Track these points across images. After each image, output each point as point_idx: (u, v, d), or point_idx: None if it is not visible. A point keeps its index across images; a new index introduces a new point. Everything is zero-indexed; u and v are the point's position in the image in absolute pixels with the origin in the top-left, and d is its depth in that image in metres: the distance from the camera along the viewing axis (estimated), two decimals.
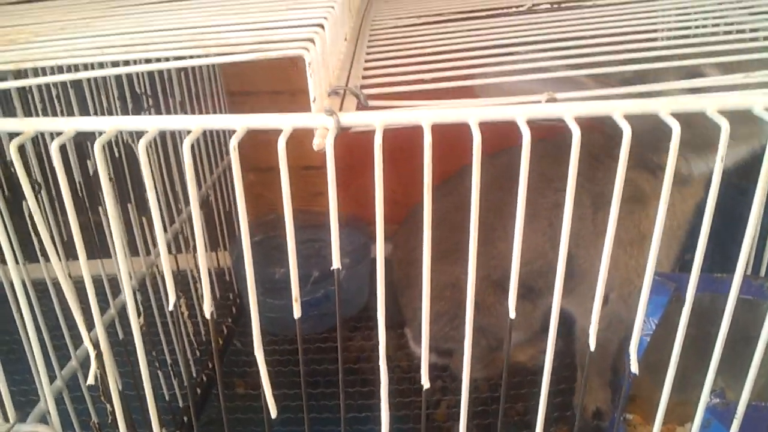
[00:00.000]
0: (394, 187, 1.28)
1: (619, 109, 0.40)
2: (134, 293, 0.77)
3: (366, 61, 0.62)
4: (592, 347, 0.47)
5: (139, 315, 0.65)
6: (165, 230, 0.92)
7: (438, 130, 0.41)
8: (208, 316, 0.46)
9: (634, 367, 0.47)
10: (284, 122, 0.41)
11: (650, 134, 0.80)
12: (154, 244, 0.86)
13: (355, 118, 0.41)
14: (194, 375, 0.96)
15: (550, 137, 0.87)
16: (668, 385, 0.49)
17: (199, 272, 0.44)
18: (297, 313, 0.46)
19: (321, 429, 0.93)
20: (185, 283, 0.96)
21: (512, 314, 0.47)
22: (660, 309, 0.68)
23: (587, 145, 0.41)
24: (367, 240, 1.19)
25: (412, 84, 0.54)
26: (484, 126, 0.41)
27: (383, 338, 0.46)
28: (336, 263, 0.45)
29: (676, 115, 0.39)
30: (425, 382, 0.48)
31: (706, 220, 0.41)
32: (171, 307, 0.46)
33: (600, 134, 0.80)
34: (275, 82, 1.20)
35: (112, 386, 0.51)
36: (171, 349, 0.87)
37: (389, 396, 0.48)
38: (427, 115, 0.41)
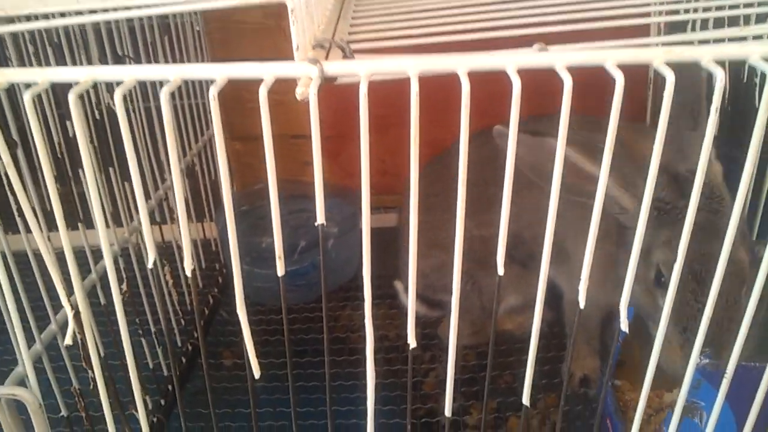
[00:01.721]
0: (383, 157, 1.28)
1: (611, 58, 0.39)
2: (116, 259, 0.76)
3: (353, 17, 0.60)
4: (582, 305, 0.46)
5: (121, 282, 0.64)
6: (148, 197, 0.90)
7: (428, 97, 0.40)
8: (188, 272, 0.45)
9: (624, 326, 0.46)
10: (265, 71, 0.40)
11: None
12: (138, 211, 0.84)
13: (339, 67, 0.40)
14: (179, 344, 0.95)
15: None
16: (656, 351, 0.48)
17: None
18: (281, 270, 0.45)
19: (308, 397, 0.92)
20: (170, 253, 0.94)
21: (500, 271, 0.46)
22: None
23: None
24: (356, 210, 1.18)
25: (400, 39, 0.53)
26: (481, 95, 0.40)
27: (369, 297, 0.45)
28: (320, 219, 0.44)
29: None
30: (411, 340, 0.46)
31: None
32: (150, 265, 0.45)
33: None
34: (262, 50, 1.18)
35: (92, 350, 0.50)
36: (156, 319, 0.85)
37: (376, 364, 0.47)
38: (413, 63, 0.39)
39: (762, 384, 0.50)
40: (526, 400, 0.50)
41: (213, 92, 0.39)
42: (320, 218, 0.44)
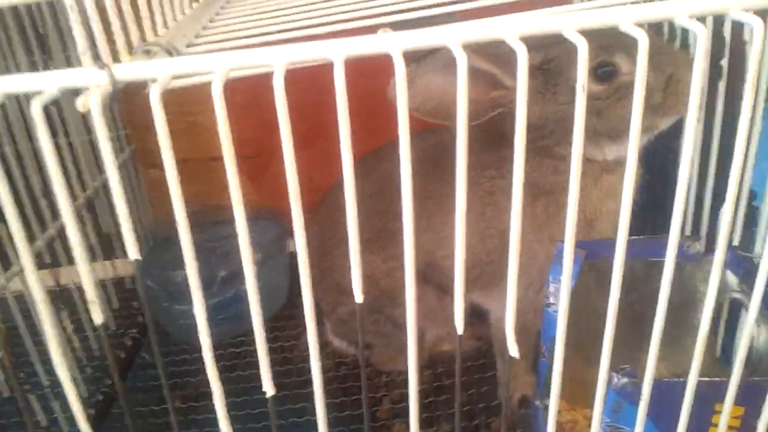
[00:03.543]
0: (311, 174, 1.21)
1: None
2: None
3: (210, 21, 0.54)
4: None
5: None
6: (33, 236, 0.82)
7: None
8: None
9: (513, 351, 0.39)
10: (45, 83, 0.33)
11: (556, 124, 0.74)
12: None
13: (134, 69, 0.33)
14: (85, 395, 0.87)
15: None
16: (557, 363, 0.42)
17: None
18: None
19: None
20: (67, 297, 0.86)
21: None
22: (571, 279, 0.61)
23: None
24: (282, 232, 1.11)
25: (249, 38, 0.46)
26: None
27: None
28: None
29: None
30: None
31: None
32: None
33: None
34: None
35: None
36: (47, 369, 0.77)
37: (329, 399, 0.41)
38: (222, 60, 0.33)
39: (685, 400, 0.44)
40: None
41: None
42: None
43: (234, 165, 0.34)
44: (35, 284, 0.37)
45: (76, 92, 0.32)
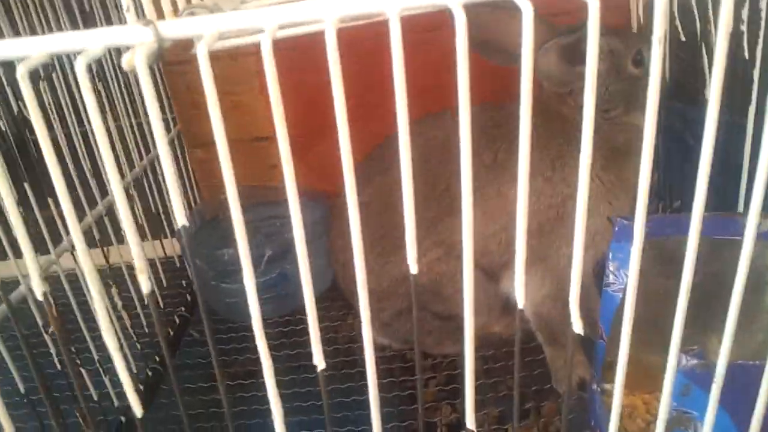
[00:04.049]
0: (355, 155, 1.19)
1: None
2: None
3: None
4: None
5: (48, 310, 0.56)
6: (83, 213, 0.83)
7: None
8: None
9: (577, 327, 0.37)
10: (89, 41, 0.32)
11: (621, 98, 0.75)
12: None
13: (179, 26, 0.32)
14: (134, 370, 0.87)
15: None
16: (625, 346, 0.39)
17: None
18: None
19: (304, 419, 0.84)
20: (118, 275, 0.87)
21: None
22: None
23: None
24: (327, 214, 1.10)
25: None
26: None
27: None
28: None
29: None
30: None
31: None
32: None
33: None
34: None
35: None
36: (99, 345, 0.78)
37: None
38: (270, 17, 0.31)
39: (763, 385, 0.41)
40: (470, 423, 0.41)
41: (21, 71, 0.31)
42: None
43: (284, 126, 0.32)
44: (84, 256, 0.36)
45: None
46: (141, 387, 0.87)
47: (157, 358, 0.91)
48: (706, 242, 0.63)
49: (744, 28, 0.63)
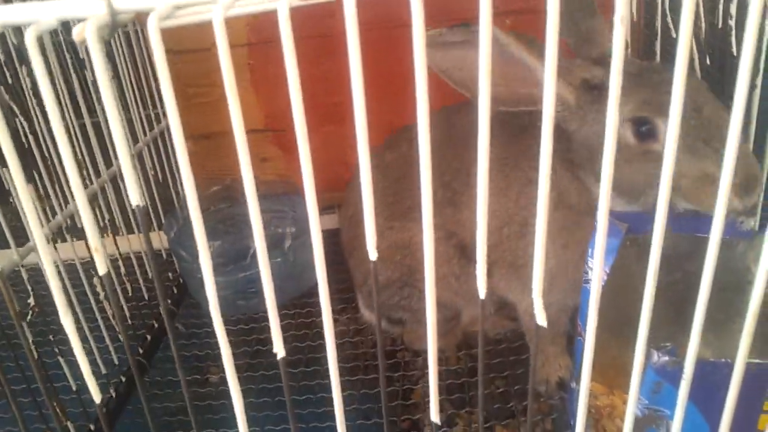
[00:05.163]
0: (344, 149, 1.19)
1: None
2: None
3: None
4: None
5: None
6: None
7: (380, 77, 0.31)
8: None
9: (540, 319, 0.36)
10: (42, 12, 0.31)
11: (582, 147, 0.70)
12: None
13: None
14: (116, 362, 0.87)
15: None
16: (590, 338, 0.38)
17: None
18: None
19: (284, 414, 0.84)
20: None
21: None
22: (612, 254, 0.57)
23: None
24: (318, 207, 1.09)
25: None
26: None
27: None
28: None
29: None
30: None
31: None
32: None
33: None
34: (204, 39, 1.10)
35: None
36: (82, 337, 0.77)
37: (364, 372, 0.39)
38: None
39: (732, 383, 0.40)
40: (435, 416, 0.40)
41: None
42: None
43: (239, 108, 0.32)
44: (46, 257, 0.36)
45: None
46: (122, 378, 0.86)
47: (141, 351, 0.91)
48: (687, 240, 0.63)
49: (732, 23, 0.62)
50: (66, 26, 0.77)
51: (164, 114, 1.12)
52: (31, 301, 0.67)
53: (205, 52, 1.07)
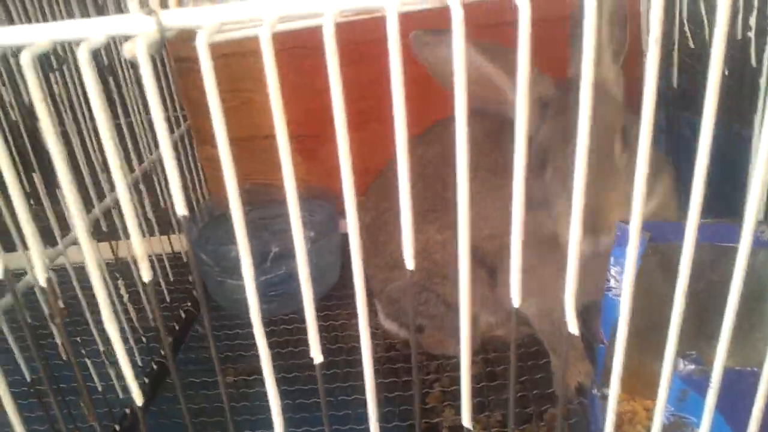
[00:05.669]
0: (364, 154, 1.20)
1: None
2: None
3: None
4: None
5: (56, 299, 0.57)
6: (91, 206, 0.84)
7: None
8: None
9: (573, 327, 0.37)
10: (92, 29, 0.32)
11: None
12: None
13: (181, 16, 0.32)
14: (140, 363, 0.88)
15: None
16: (619, 350, 0.39)
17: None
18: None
19: (307, 416, 0.84)
20: (126, 269, 0.88)
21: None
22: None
23: None
24: (334, 212, 1.10)
25: None
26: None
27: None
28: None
29: None
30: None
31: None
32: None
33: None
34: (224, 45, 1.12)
35: None
36: (105, 338, 0.78)
37: (380, 375, 0.40)
38: (269, 6, 0.31)
39: (760, 391, 0.41)
40: (467, 422, 0.41)
41: (26, 59, 0.31)
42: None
43: (283, 120, 0.33)
44: (87, 244, 0.36)
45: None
46: (146, 380, 0.88)
47: (162, 352, 0.92)
48: (711, 249, 0.63)
49: (752, 35, 0.62)
50: None
51: (184, 117, 1.14)
52: (61, 303, 0.68)
53: (225, 59, 1.08)
